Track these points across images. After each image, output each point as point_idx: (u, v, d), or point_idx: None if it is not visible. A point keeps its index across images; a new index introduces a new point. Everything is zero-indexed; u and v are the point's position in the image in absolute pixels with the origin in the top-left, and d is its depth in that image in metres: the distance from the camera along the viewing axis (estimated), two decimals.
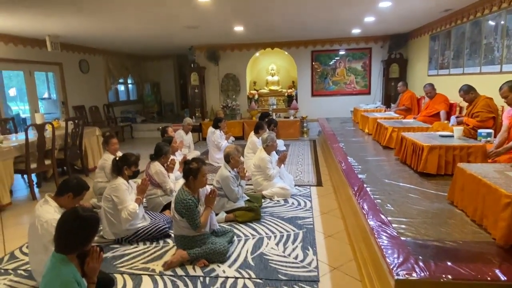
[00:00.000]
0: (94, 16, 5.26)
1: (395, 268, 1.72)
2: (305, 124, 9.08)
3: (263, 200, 4.30)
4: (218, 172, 3.91)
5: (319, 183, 5.02)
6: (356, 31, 7.82)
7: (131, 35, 7.18)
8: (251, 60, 9.67)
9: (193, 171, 2.94)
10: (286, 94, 9.64)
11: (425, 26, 7.23)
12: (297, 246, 3.14)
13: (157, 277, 2.73)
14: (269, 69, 9.87)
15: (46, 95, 9.25)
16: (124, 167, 3.34)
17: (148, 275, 2.76)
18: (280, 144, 7.57)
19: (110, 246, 3.26)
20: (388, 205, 2.62)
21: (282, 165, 5.27)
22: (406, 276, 1.66)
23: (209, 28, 6.68)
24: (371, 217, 2.37)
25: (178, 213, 2.89)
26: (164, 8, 4.85)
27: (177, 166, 4.44)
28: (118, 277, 2.76)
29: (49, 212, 2.45)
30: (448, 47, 6.14)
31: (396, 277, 1.66)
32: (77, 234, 1.85)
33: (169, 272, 2.78)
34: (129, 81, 11.42)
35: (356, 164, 3.92)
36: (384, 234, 2.10)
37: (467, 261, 1.77)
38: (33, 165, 4.71)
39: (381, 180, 3.27)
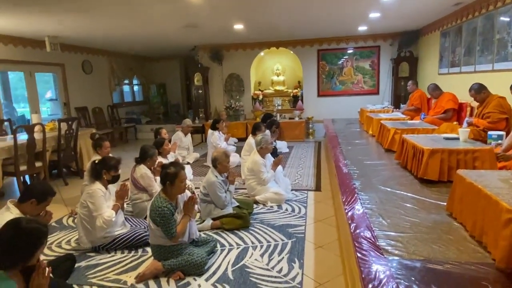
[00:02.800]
0: (90, 15, 5.15)
1: None
2: (310, 125, 8.80)
3: (255, 206, 4.07)
4: (205, 177, 3.70)
5: (317, 188, 4.76)
6: (362, 28, 7.51)
7: (131, 35, 7.07)
8: (256, 59, 9.46)
9: (169, 176, 2.74)
10: (291, 95, 9.38)
11: (435, 22, 6.86)
12: (283, 257, 2.90)
13: None
14: (274, 69, 9.63)
15: (53, 97, 9.28)
16: (103, 171, 3.17)
17: (119, 287, 2.58)
18: (283, 146, 7.34)
19: (86, 254, 3.09)
20: (379, 216, 2.36)
21: (281, 168, 5.05)
22: None
23: (208, 27, 6.49)
24: (355, 229, 2.12)
25: (153, 221, 2.70)
26: (158, 6, 4.69)
27: None
28: None
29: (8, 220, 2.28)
30: (459, 43, 5.77)
31: None
32: (18, 248, 1.68)
33: (141, 285, 2.59)
34: (135, 82, 11.36)
35: (353, 168, 3.64)
36: (366, 250, 1.84)
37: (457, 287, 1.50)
38: (23, 167, 4.61)
39: (376, 186, 2.99)
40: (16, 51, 6.56)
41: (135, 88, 11.56)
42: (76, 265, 2.88)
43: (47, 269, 1.80)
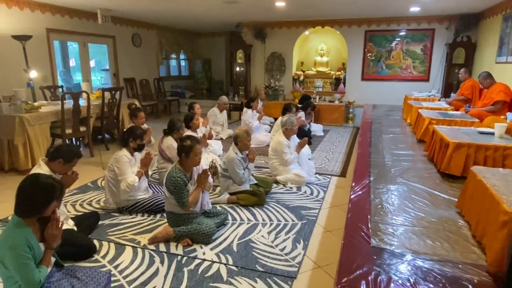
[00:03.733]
0: None
1: (341, 279, 1.48)
2: (351, 110, 8.53)
3: (275, 186, 4.13)
4: (226, 153, 3.81)
5: (342, 174, 4.68)
6: (414, 9, 6.99)
7: (177, 9, 7.22)
8: (300, 39, 9.25)
9: (185, 149, 2.87)
10: (334, 77, 9.11)
11: (499, 5, 6.20)
12: (289, 237, 2.95)
13: (139, 250, 2.76)
14: (319, 49, 9.37)
15: (106, 67, 9.87)
16: (130, 139, 3.39)
17: (132, 246, 2.80)
18: (318, 129, 7.24)
19: (111, 214, 3.37)
20: (382, 205, 2.30)
21: (308, 150, 5.03)
22: None
23: (249, 3, 6.45)
24: (351, 215, 2.09)
25: (168, 190, 2.86)
26: None
27: None
28: (105, 244, 2.84)
29: None
30: None
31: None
32: (32, 200, 1.88)
33: (152, 247, 2.80)
34: (181, 56, 11.68)
35: (376, 156, 3.53)
36: (354, 237, 1.83)
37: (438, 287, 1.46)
38: (69, 131, 5.04)
39: (392, 177, 2.89)
40: (72, 22, 7.03)
41: (182, 62, 11.90)
42: (100, 222, 3.17)
43: (60, 221, 2.03)
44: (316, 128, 7.16)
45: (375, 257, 1.67)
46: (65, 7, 6.74)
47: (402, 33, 8.38)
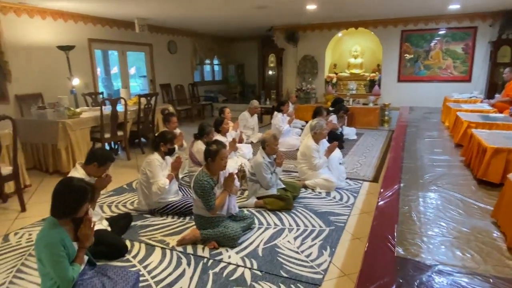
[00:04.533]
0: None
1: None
2: (386, 113, 8.26)
3: (304, 190, 4.09)
4: (254, 157, 3.83)
5: (375, 179, 4.54)
6: (454, 6, 6.66)
7: (211, 16, 7.39)
8: (333, 41, 9.12)
9: (211, 153, 2.92)
10: (368, 79, 8.88)
11: None
12: (315, 243, 2.91)
13: (168, 251, 2.84)
14: (352, 51, 9.18)
15: (144, 74, 10.29)
16: (160, 143, 3.51)
17: (161, 247, 2.90)
18: (351, 132, 7.08)
19: (143, 215, 3.50)
20: (413, 215, 2.21)
21: (339, 155, 4.95)
22: None
23: (280, 8, 6.46)
24: (377, 223, 2.03)
25: (195, 193, 2.93)
26: None
27: None
28: (136, 244, 2.96)
29: None
30: None
31: None
32: (66, 201, 2.01)
33: (180, 248, 2.87)
34: (215, 62, 11.92)
35: (408, 161, 3.41)
36: (378, 246, 1.78)
37: None
38: (107, 135, 5.31)
39: (424, 183, 2.77)
40: (111, 32, 7.42)
41: (215, 67, 12.14)
42: (133, 223, 3.30)
43: (93, 222, 2.14)
44: (349, 132, 7.01)
45: (398, 268, 1.61)
46: (105, 17, 7.12)
47: (441, 32, 8.01)
